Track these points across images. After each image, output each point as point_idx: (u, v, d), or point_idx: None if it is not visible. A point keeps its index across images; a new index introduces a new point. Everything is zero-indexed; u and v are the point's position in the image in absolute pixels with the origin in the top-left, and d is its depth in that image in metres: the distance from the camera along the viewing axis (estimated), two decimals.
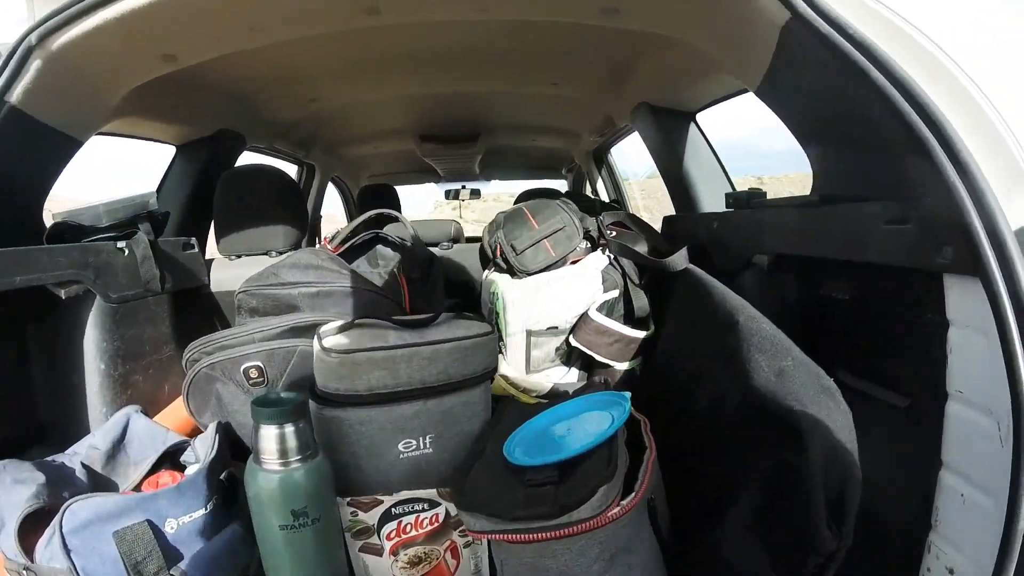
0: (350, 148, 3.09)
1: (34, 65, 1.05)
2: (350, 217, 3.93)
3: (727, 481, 0.83)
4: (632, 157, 3.20)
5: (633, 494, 0.73)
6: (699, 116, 1.90)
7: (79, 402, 1.19)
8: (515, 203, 2.16)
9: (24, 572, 0.76)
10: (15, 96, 1.05)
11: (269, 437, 0.74)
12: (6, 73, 1.04)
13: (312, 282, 1.10)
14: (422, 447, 0.89)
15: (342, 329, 0.88)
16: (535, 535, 0.69)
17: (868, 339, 0.93)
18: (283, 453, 0.75)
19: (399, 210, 2.12)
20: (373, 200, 3.08)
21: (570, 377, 1.41)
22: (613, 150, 3.02)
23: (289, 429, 0.74)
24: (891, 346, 0.87)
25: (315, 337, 0.86)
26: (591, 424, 0.87)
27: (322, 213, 3.38)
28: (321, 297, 1.09)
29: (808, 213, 1.00)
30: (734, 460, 0.85)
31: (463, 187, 3.95)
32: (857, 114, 0.83)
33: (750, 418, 0.82)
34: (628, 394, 0.89)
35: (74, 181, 1.27)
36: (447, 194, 3.99)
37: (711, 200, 1.82)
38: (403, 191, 3.46)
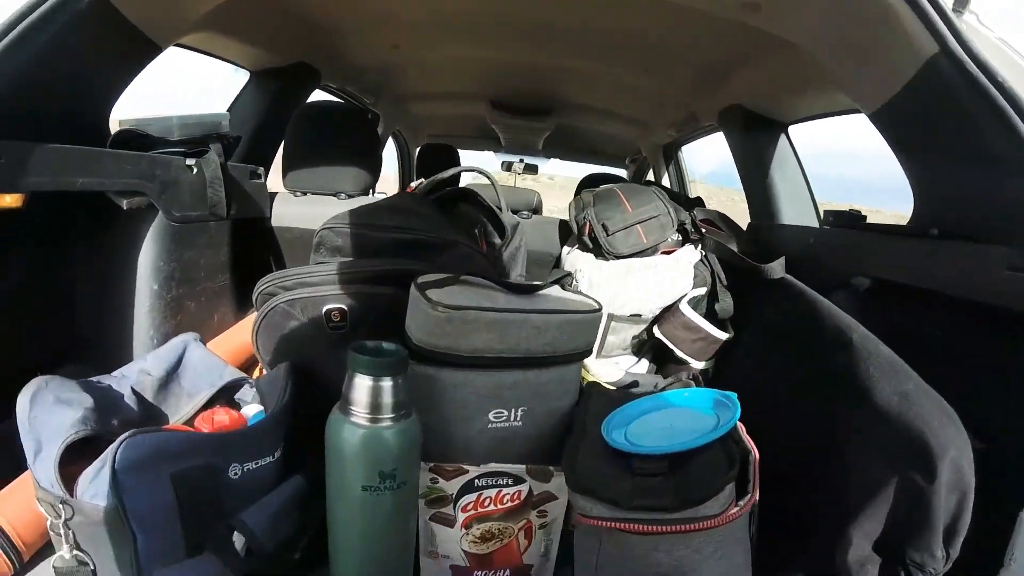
0: (418, 103, 3.01)
1: None
2: (403, 175, 3.86)
3: (833, 495, 0.80)
4: (694, 158, 3.11)
5: (748, 495, 0.70)
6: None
7: (125, 322, 1.13)
8: (579, 187, 2.08)
9: (60, 506, 0.68)
10: None
11: (365, 389, 0.66)
12: None
13: (410, 228, 1.01)
14: (512, 419, 0.82)
15: (445, 283, 0.80)
16: (655, 527, 0.64)
17: (955, 377, 0.88)
18: (376, 408, 0.67)
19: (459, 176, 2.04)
20: (435, 160, 3.01)
21: (639, 368, 1.34)
22: (684, 148, 2.92)
23: (387, 383, 0.67)
24: (978, 387, 0.83)
25: (414, 287, 0.78)
26: (693, 419, 0.81)
27: None
28: (416, 247, 1.00)
29: (921, 244, 0.98)
30: (846, 476, 0.80)
31: (520, 160, 3.84)
32: (987, 155, 0.83)
33: (871, 439, 0.77)
34: (735, 394, 0.83)
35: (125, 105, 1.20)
36: (503, 165, 3.87)
37: (792, 215, 1.75)
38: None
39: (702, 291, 1.27)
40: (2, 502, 0.77)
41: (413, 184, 1.43)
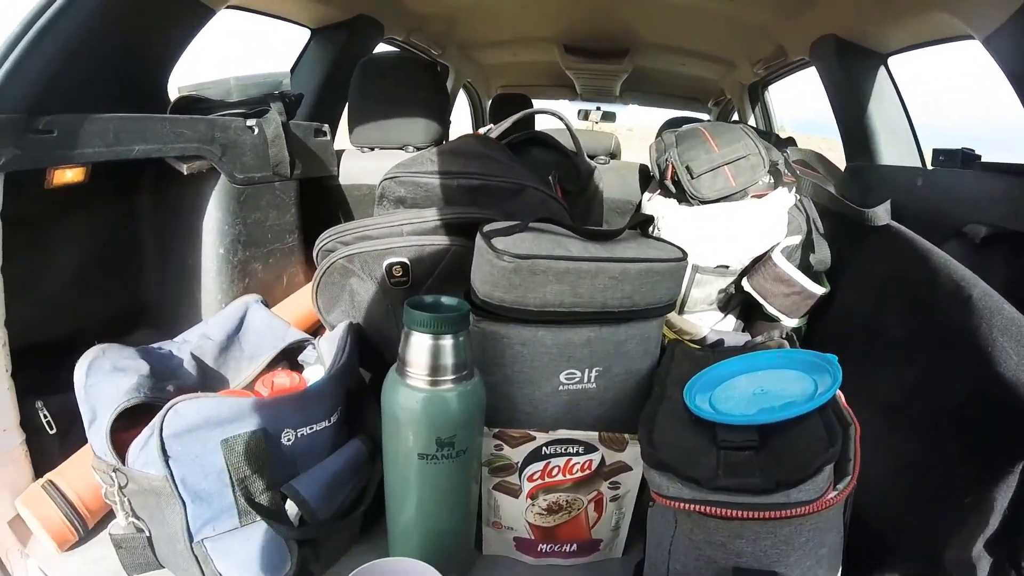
0: (487, 52, 2.91)
1: None
2: (476, 129, 3.77)
3: (940, 479, 0.72)
4: (781, 103, 2.91)
5: (849, 477, 0.60)
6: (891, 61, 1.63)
7: (193, 286, 1.13)
8: (661, 130, 1.95)
9: (113, 474, 0.66)
10: None
11: (422, 349, 0.61)
12: None
13: (476, 173, 0.94)
14: (585, 381, 0.75)
15: (512, 230, 0.73)
16: (740, 512, 0.56)
17: None
18: (435, 370, 0.61)
19: (533, 122, 1.95)
20: (508, 110, 2.94)
21: (725, 324, 1.24)
22: (771, 88, 2.72)
23: (447, 342, 0.61)
24: None
25: (480, 236, 0.71)
26: (788, 385, 0.72)
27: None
28: (484, 193, 0.94)
29: None
30: (957, 458, 0.71)
31: (597, 108, 3.69)
32: None
33: (992, 415, 0.68)
34: (835, 357, 0.73)
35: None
36: (579, 114, 3.73)
37: (894, 158, 1.59)
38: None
39: (797, 240, 1.15)
40: (67, 470, 0.78)
41: (482, 131, 1.35)
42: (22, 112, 0.77)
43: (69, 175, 0.85)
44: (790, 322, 1.16)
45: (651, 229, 1.20)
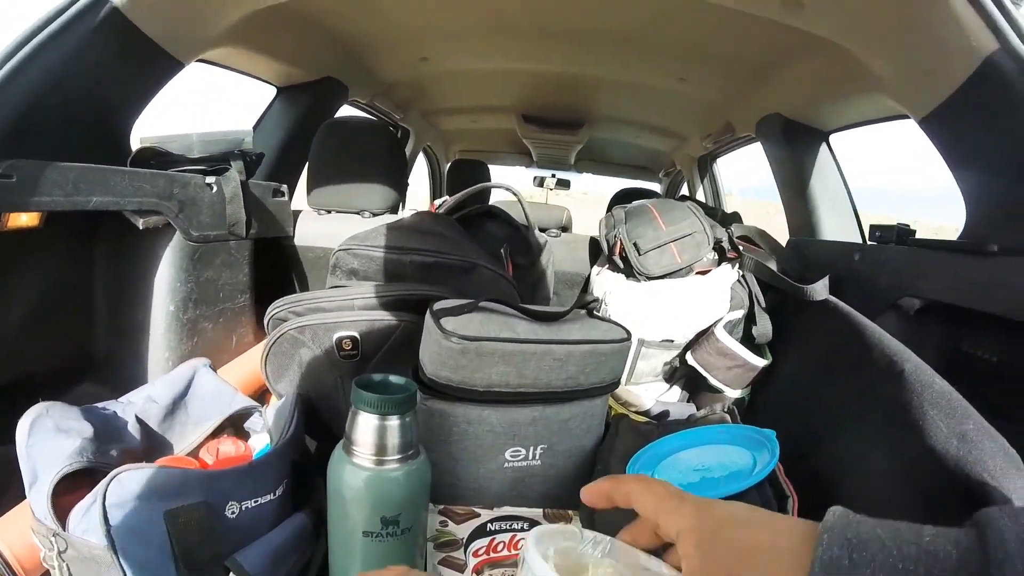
0: (448, 118, 2.97)
1: None
2: (434, 192, 3.83)
3: None
4: (729, 170, 3.03)
5: None
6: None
7: (141, 342, 1.11)
8: (611, 203, 2.01)
9: (53, 539, 0.64)
10: None
11: (368, 428, 0.61)
12: None
13: (429, 250, 0.96)
14: (531, 458, 0.77)
15: (462, 310, 0.75)
16: None
17: (1018, 411, 0.81)
18: (382, 449, 0.61)
19: (488, 194, 1.99)
20: (465, 176, 2.98)
21: (670, 395, 1.27)
22: (719, 160, 2.83)
23: (394, 423, 0.61)
24: None
25: (429, 314, 0.73)
26: (728, 460, 0.76)
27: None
28: (437, 270, 0.95)
29: (979, 261, 0.91)
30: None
31: (553, 176, 3.78)
32: None
33: (925, 484, 0.70)
34: (773, 433, 0.78)
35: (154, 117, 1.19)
36: (535, 180, 3.82)
37: (834, 230, 1.67)
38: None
39: (739, 314, 1.19)
40: (4, 527, 0.75)
41: (436, 202, 1.38)
42: None
43: (24, 219, 0.85)
44: (733, 393, 1.19)
45: (599, 303, 1.23)
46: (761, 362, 1.15)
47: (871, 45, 1.07)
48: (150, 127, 1.21)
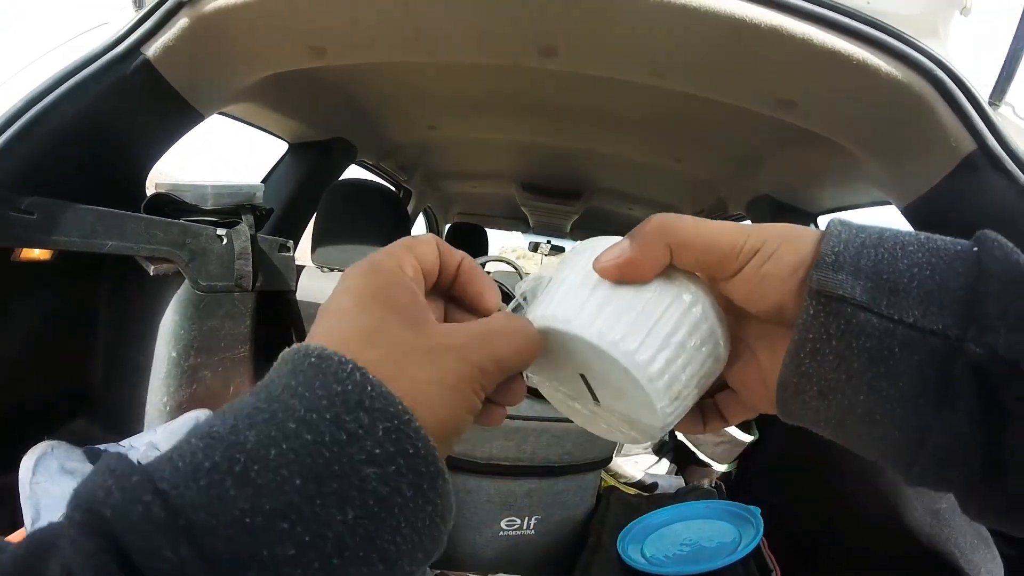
0: (450, 182, 3.05)
1: (180, 23, 1.01)
2: None
3: None
4: None
5: None
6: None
7: (140, 385, 1.11)
8: None
9: None
10: (152, 50, 1.01)
11: None
12: (149, 23, 1.00)
13: None
14: (525, 528, 0.78)
15: None
16: None
17: None
18: None
19: (486, 252, 2.02)
20: (464, 239, 3.03)
21: (659, 468, 1.28)
22: None
23: None
24: None
25: None
26: (714, 535, 0.77)
27: None
28: None
29: None
30: None
31: (548, 241, 3.84)
32: None
33: (900, 554, 0.73)
34: (758, 509, 0.80)
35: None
36: (530, 245, 3.87)
37: None
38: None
39: None
40: None
41: None
42: (6, 190, 0.79)
43: (36, 252, 0.87)
44: (720, 467, 1.21)
45: None
46: (748, 438, 1.18)
47: (857, 141, 1.13)
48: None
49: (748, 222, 1.98)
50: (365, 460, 0.24)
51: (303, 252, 1.69)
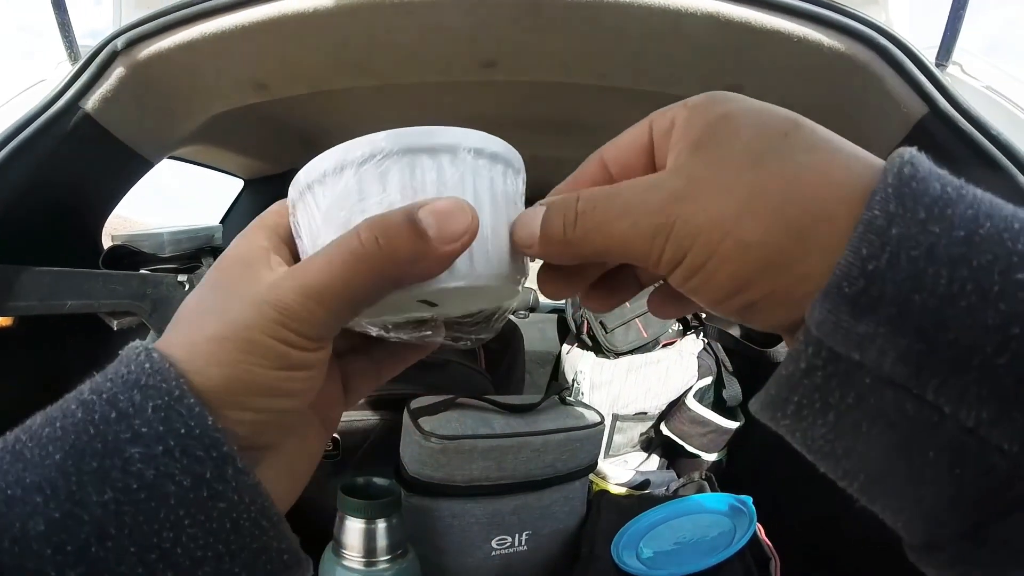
0: None
1: (116, 73, 0.98)
2: None
3: None
4: None
5: None
6: None
7: None
8: None
9: None
10: (91, 103, 0.98)
11: (356, 531, 0.63)
12: (85, 76, 0.97)
13: None
14: (517, 544, 0.78)
15: (438, 408, 0.77)
16: None
17: None
18: (370, 551, 0.63)
19: None
20: None
21: (649, 464, 1.29)
22: None
23: (381, 525, 0.63)
24: None
25: (407, 414, 0.75)
26: (708, 530, 0.78)
27: None
28: (411, 367, 0.97)
29: None
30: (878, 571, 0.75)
31: None
32: None
33: (899, 539, 0.71)
34: (750, 499, 0.80)
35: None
36: None
37: None
38: None
39: (708, 381, 1.23)
40: None
41: None
42: None
43: None
44: (710, 456, 1.22)
45: (572, 382, 1.26)
46: (733, 424, 1.19)
47: (804, 115, 1.14)
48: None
49: None
50: (130, 439, 0.22)
51: None
